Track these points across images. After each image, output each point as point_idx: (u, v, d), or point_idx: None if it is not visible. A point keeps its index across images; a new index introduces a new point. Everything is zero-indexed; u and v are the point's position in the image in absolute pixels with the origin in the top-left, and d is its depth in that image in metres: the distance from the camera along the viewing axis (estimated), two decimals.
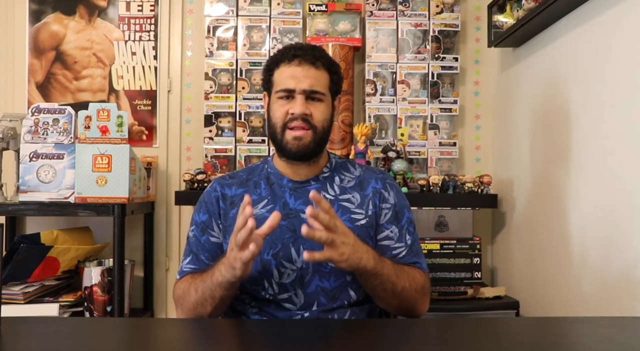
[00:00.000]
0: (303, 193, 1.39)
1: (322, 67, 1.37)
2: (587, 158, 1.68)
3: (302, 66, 1.35)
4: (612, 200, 1.55)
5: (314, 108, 1.35)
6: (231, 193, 1.42)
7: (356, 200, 1.40)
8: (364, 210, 1.39)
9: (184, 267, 1.40)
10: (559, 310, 1.82)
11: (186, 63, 2.51)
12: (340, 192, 1.41)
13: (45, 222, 2.36)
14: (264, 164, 1.48)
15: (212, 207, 1.41)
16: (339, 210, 1.37)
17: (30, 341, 0.99)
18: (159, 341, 1.06)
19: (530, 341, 1.05)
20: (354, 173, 1.45)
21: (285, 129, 1.35)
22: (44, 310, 2.00)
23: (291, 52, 1.36)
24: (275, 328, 1.16)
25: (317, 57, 1.36)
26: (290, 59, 1.36)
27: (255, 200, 1.40)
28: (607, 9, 1.59)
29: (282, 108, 1.35)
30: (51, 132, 2.07)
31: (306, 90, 1.34)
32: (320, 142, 1.37)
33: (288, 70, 1.35)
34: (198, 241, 1.41)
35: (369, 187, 1.42)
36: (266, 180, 1.43)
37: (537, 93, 2.03)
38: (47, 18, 2.47)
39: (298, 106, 1.33)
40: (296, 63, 1.35)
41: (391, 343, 1.00)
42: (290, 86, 1.34)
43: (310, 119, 1.35)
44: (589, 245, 1.66)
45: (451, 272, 2.29)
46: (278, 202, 1.39)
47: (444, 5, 2.43)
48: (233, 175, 1.47)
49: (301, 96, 1.34)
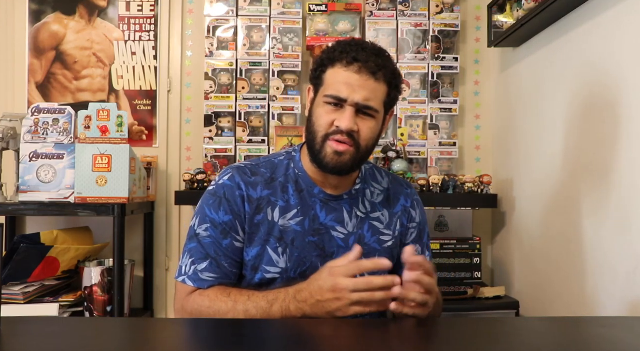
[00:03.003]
0: (335, 208, 1.29)
1: (383, 79, 1.21)
2: (587, 158, 1.68)
3: (361, 74, 1.19)
4: (611, 198, 1.55)
5: (362, 124, 1.21)
6: (256, 195, 1.26)
7: (385, 219, 1.33)
8: (392, 230, 1.34)
9: (201, 275, 1.23)
10: (559, 310, 1.82)
11: (186, 63, 2.51)
12: (371, 209, 1.32)
13: (45, 222, 2.36)
14: (289, 161, 1.32)
15: (236, 207, 1.25)
16: (369, 230, 1.31)
17: (30, 341, 0.99)
18: (159, 341, 1.05)
19: (530, 341, 1.05)
20: (382, 185, 1.37)
21: (327, 140, 1.21)
22: (44, 310, 2.00)
23: (352, 53, 1.19)
24: (275, 328, 1.16)
25: (380, 66, 1.20)
26: (349, 61, 1.19)
27: (283, 207, 1.26)
28: (607, 9, 1.59)
29: (328, 116, 1.21)
30: (51, 132, 2.07)
31: (359, 103, 1.19)
32: (360, 160, 1.25)
33: (344, 74, 1.19)
34: (218, 245, 1.24)
35: (398, 204, 1.36)
36: (294, 184, 1.29)
37: (537, 93, 2.03)
38: (47, 18, 2.47)
39: (346, 120, 1.18)
40: (355, 68, 1.19)
41: (391, 343, 1.00)
42: (342, 94, 1.19)
43: (355, 136, 1.20)
44: (589, 245, 1.65)
45: (451, 272, 2.29)
46: (308, 214, 1.27)
47: (444, 5, 2.43)
48: (254, 170, 1.30)
49: (351, 108, 1.19)
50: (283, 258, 1.24)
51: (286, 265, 1.25)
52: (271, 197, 1.27)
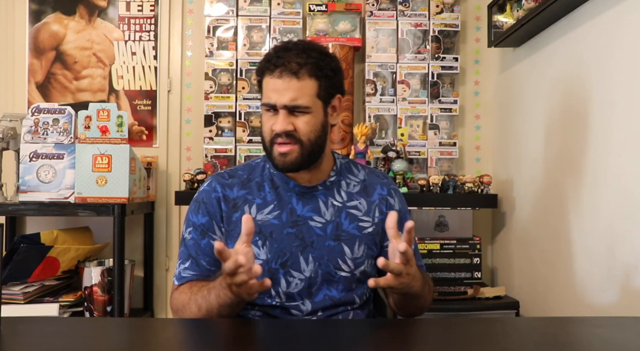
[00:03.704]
0: (311, 200, 1.34)
1: (307, 76, 1.26)
2: (587, 158, 1.68)
3: (283, 78, 1.25)
4: (612, 199, 1.55)
5: (298, 122, 1.27)
6: (233, 195, 1.35)
7: (363, 207, 1.37)
8: (371, 217, 1.38)
9: (182, 272, 1.33)
10: (559, 310, 1.82)
11: (186, 63, 2.51)
12: (348, 199, 1.37)
13: (45, 222, 2.36)
14: (264, 162, 1.40)
15: (212, 208, 1.34)
16: (347, 218, 1.35)
17: (30, 341, 0.99)
18: (159, 341, 1.06)
19: (530, 341, 1.05)
20: (359, 177, 1.42)
21: (273, 144, 1.29)
22: (44, 310, 2.00)
23: (272, 60, 1.26)
24: (276, 328, 1.16)
25: (301, 64, 1.25)
26: (272, 69, 1.26)
27: (260, 204, 1.33)
28: (607, 9, 1.59)
29: (268, 122, 1.29)
30: (51, 132, 2.07)
31: (287, 105, 1.25)
32: (310, 154, 1.29)
33: (270, 82, 1.27)
34: (197, 244, 1.33)
35: (374, 193, 1.40)
36: (270, 182, 1.36)
37: (537, 93, 2.03)
38: (47, 18, 2.47)
39: (279, 123, 1.26)
40: (277, 74, 1.25)
41: (391, 343, 1.00)
42: (271, 101, 1.27)
43: (295, 134, 1.27)
44: (589, 245, 1.65)
45: (451, 272, 2.29)
46: (285, 207, 1.33)
47: (444, 5, 2.42)
48: (232, 174, 1.39)
49: (283, 111, 1.26)
50: (263, 250, 1.30)
51: (267, 257, 1.30)
52: (247, 195, 1.35)
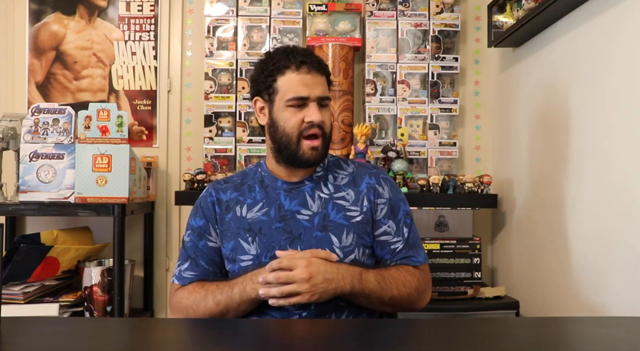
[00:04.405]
0: (298, 194, 1.41)
1: (324, 72, 1.39)
2: (587, 158, 1.68)
3: (312, 73, 1.35)
4: (612, 199, 1.55)
5: (324, 115, 1.37)
6: (226, 197, 1.43)
7: (350, 197, 1.41)
8: (359, 206, 1.40)
9: (183, 273, 1.41)
10: (559, 310, 1.82)
11: (186, 63, 2.51)
12: (335, 190, 1.42)
13: (45, 222, 2.36)
14: (257, 167, 1.49)
15: (208, 211, 1.43)
16: (334, 209, 1.39)
17: (30, 341, 0.99)
18: (159, 341, 1.06)
19: (530, 341, 1.05)
20: (348, 170, 1.47)
21: (301, 139, 1.35)
22: (44, 310, 2.00)
23: (298, 58, 1.35)
24: (274, 328, 1.16)
25: (319, 63, 1.38)
26: (298, 66, 1.35)
27: (250, 203, 1.41)
28: (607, 9, 1.59)
29: (295, 116, 1.35)
30: (51, 132, 2.07)
31: (320, 96, 1.35)
32: (328, 146, 1.40)
33: (298, 77, 1.34)
34: (195, 246, 1.42)
35: (362, 183, 1.43)
36: (260, 183, 1.44)
37: (537, 93, 2.03)
38: (47, 18, 2.47)
39: (316, 114, 1.34)
40: (305, 70, 1.35)
41: (391, 343, 1.00)
42: (304, 94, 1.34)
43: (323, 126, 1.36)
44: (589, 245, 1.66)
45: (451, 272, 2.29)
46: (273, 204, 1.40)
47: (444, 5, 2.42)
48: (227, 180, 1.49)
49: (315, 103, 1.35)
50: (253, 245, 1.37)
51: (257, 251, 1.37)
52: (239, 197, 1.43)
